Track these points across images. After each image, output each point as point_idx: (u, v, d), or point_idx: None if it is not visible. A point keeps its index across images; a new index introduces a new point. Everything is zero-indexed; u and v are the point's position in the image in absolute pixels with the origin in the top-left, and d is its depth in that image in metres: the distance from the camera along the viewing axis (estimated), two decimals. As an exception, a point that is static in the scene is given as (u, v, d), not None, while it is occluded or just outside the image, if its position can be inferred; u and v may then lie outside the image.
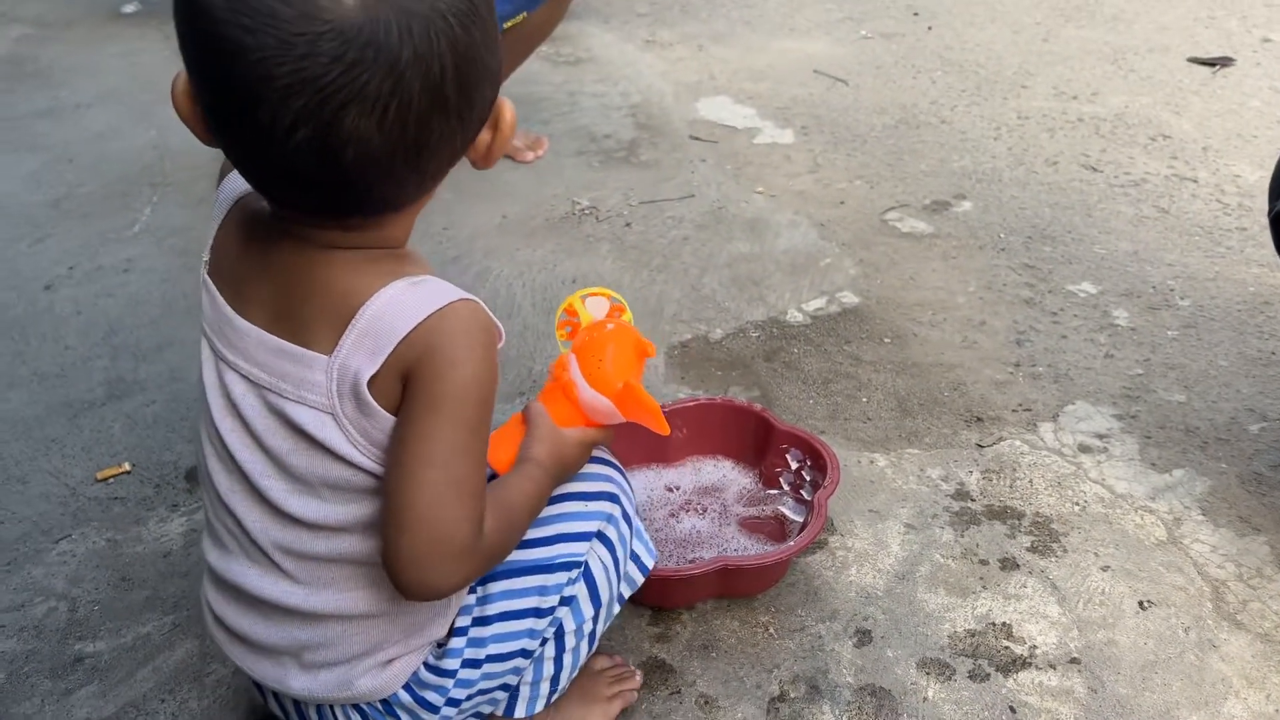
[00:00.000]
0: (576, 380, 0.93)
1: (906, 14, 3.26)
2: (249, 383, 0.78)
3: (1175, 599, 1.17)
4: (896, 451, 1.42)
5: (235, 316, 0.79)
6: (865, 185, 2.19)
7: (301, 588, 0.82)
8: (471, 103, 0.72)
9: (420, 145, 0.70)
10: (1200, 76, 2.65)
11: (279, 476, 0.80)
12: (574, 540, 0.91)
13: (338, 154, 0.67)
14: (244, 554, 0.84)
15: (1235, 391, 1.50)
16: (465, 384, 0.74)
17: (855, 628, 1.15)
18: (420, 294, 0.75)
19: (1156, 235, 1.93)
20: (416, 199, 0.77)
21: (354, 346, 0.74)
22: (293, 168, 0.68)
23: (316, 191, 0.71)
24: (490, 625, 0.88)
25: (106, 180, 2.33)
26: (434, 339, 0.73)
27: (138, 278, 1.92)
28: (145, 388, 1.61)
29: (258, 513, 0.82)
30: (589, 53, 3.03)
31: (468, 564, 0.76)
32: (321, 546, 0.80)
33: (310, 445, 0.77)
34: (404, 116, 0.67)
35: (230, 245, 0.81)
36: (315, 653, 0.84)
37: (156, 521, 1.34)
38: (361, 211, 0.74)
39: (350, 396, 0.75)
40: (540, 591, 0.89)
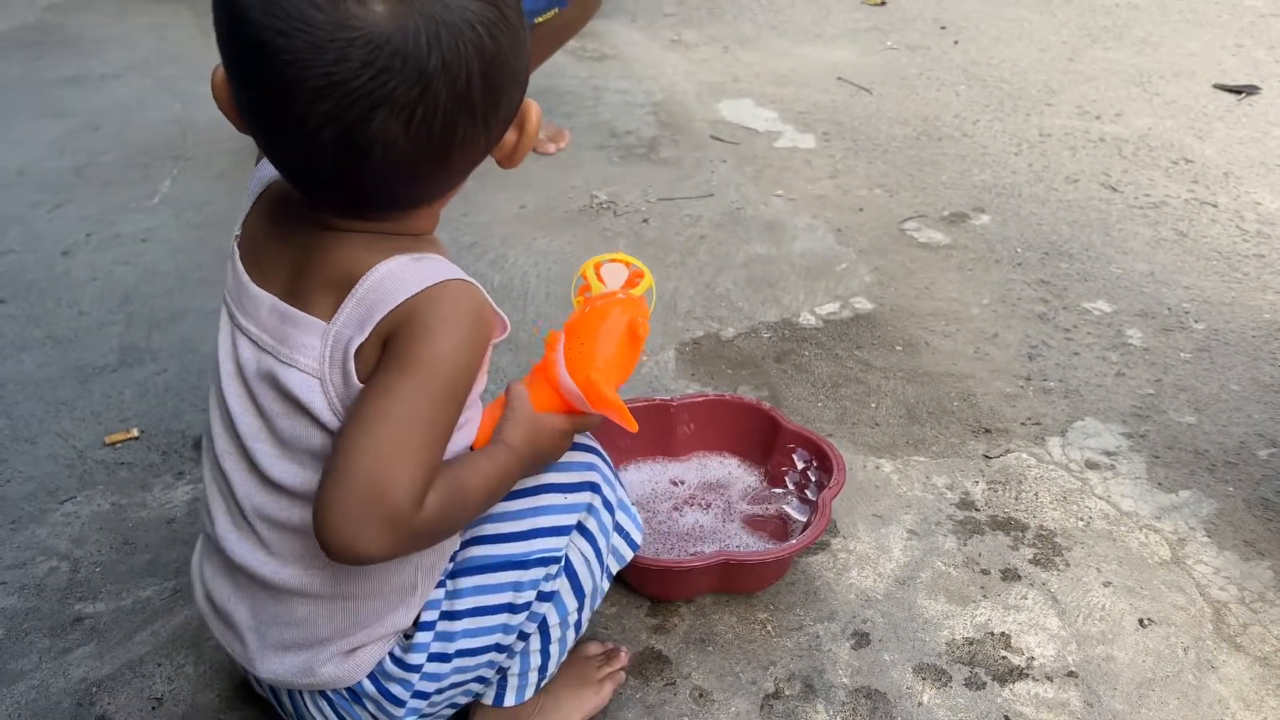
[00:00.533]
0: (557, 360, 0.89)
1: (933, 27, 3.26)
2: (255, 347, 0.80)
3: (1176, 618, 1.17)
4: (903, 458, 1.42)
5: (252, 285, 0.81)
6: (884, 194, 2.19)
7: (273, 559, 0.82)
8: (498, 107, 0.73)
9: (446, 147, 0.71)
10: (1225, 103, 2.64)
11: (268, 440, 0.80)
12: (552, 535, 0.89)
13: (364, 155, 0.69)
14: (230, 519, 0.85)
15: (1246, 416, 1.50)
16: (438, 351, 0.73)
17: (853, 629, 1.15)
18: (419, 268, 0.76)
19: (1174, 258, 1.93)
20: (440, 196, 0.79)
21: (350, 314, 0.75)
22: (319, 166, 0.71)
23: (340, 189, 0.74)
24: (460, 620, 0.87)
25: (129, 150, 2.34)
26: (418, 308, 0.74)
27: (155, 248, 1.93)
28: (157, 356, 1.61)
29: (245, 476, 0.83)
30: (615, 49, 3.03)
31: (397, 533, 0.71)
32: (297, 516, 0.80)
33: (297, 410, 0.78)
34: (430, 121, 0.68)
35: (258, 222, 0.83)
36: (281, 631, 0.84)
37: (162, 488, 1.35)
38: (384, 208, 0.77)
39: (339, 365, 0.76)
40: (515, 588, 0.88)
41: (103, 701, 1.06)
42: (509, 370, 1.50)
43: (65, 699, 1.06)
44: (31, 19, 3.25)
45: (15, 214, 2.06)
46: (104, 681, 1.08)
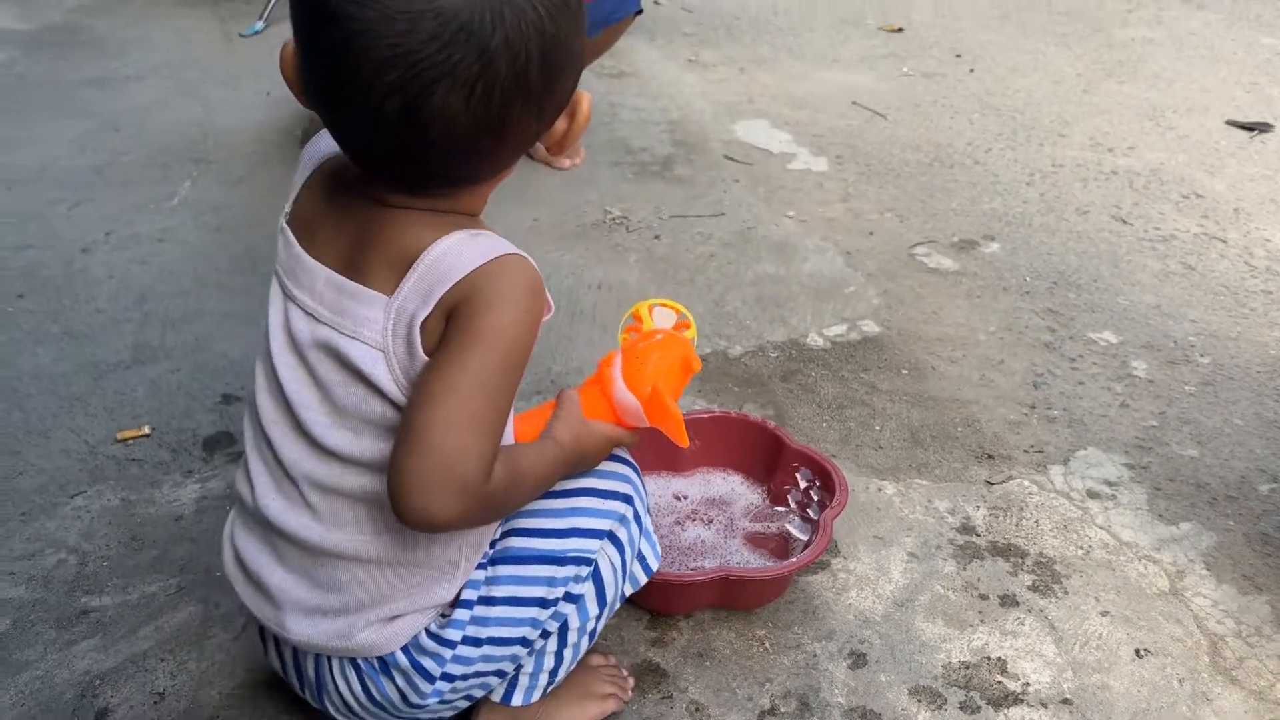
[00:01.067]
0: (614, 376, 0.94)
1: (949, 55, 3.28)
2: (311, 319, 0.82)
3: (1172, 649, 1.18)
4: (905, 481, 1.43)
5: (307, 257, 0.82)
6: (895, 218, 2.20)
7: (320, 523, 0.84)
8: (553, 90, 0.76)
9: (502, 126, 0.74)
10: (1238, 140, 2.65)
11: (322, 409, 0.82)
12: (587, 536, 0.92)
13: (425, 127, 0.71)
14: (274, 485, 0.87)
15: (1248, 451, 1.51)
16: (500, 324, 0.76)
17: (850, 649, 1.16)
18: (478, 244, 0.79)
19: (1181, 291, 1.94)
20: (491, 176, 0.82)
21: (413, 289, 0.78)
22: (380, 137, 0.73)
23: (400, 161, 0.76)
24: (496, 606, 0.89)
25: (149, 151, 2.37)
26: (479, 283, 0.76)
27: (172, 248, 1.96)
28: (171, 355, 1.63)
29: (295, 443, 0.84)
30: (632, 67, 3.06)
31: (469, 501, 0.75)
32: (350, 482, 0.83)
33: (357, 380, 0.80)
34: (489, 96, 0.71)
35: (311, 199, 0.86)
36: (322, 596, 0.86)
37: (171, 486, 1.36)
38: (439, 183, 0.79)
39: (404, 338, 0.78)
40: (549, 582, 0.90)
41: (105, 694, 1.07)
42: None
43: (68, 690, 1.08)
44: (58, 19, 3.29)
45: (35, 211, 2.08)
46: (107, 675, 1.09)
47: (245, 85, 2.79)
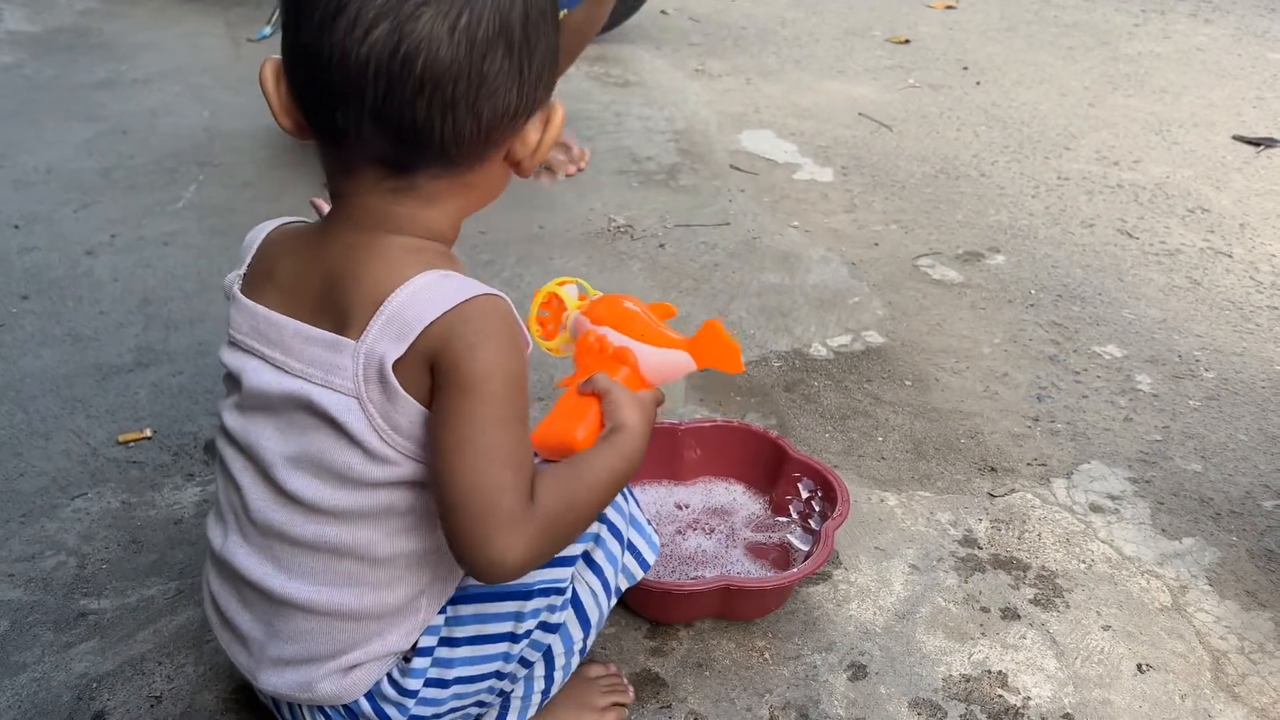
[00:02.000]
0: (630, 346, 0.92)
1: (956, 67, 3.28)
2: (281, 371, 0.80)
3: (1175, 665, 1.17)
4: (908, 493, 1.42)
5: (271, 313, 0.81)
6: (900, 230, 2.20)
7: (281, 573, 0.83)
8: (532, 59, 0.76)
9: (482, 78, 0.74)
10: (1244, 155, 2.65)
11: (288, 457, 0.81)
12: (556, 565, 0.89)
13: (410, 60, 0.71)
14: (240, 532, 0.86)
15: (1253, 466, 1.50)
16: (488, 365, 0.75)
17: (850, 661, 1.15)
18: (448, 285, 0.77)
19: (1186, 305, 1.93)
20: (466, 162, 0.78)
21: (380, 332, 0.76)
22: (365, 80, 0.72)
23: (383, 118, 0.73)
24: (459, 647, 0.87)
25: (157, 155, 2.38)
26: (455, 327, 0.75)
27: (177, 252, 1.96)
28: (174, 358, 1.63)
29: (261, 491, 0.83)
30: (638, 76, 3.06)
31: (523, 533, 0.75)
32: (310, 531, 0.81)
33: (329, 428, 0.78)
34: (473, 33, 0.72)
35: (266, 263, 0.84)
36: (283, 646, 0.85)
37: (171, 489, 1.36)
38: (418, 157, 0.76)
39: (376, 381, 0.76)
40: (516, 617, 0.88)
41: (102, 697, 1.07)
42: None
43: (66, 693, 1.07)
44: (68, 22, 3.31)
45: (42, 212, 2.09)
46: (104, 678, 1.09)
47: (253, 90, 2.79)
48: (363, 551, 0.81)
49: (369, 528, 0.81)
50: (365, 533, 0.81)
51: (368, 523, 0.80)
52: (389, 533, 0.81)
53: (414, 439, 0.78)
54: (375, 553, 0.81)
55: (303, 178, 2.31)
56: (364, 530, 0.81)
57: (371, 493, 0.80)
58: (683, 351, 0.92)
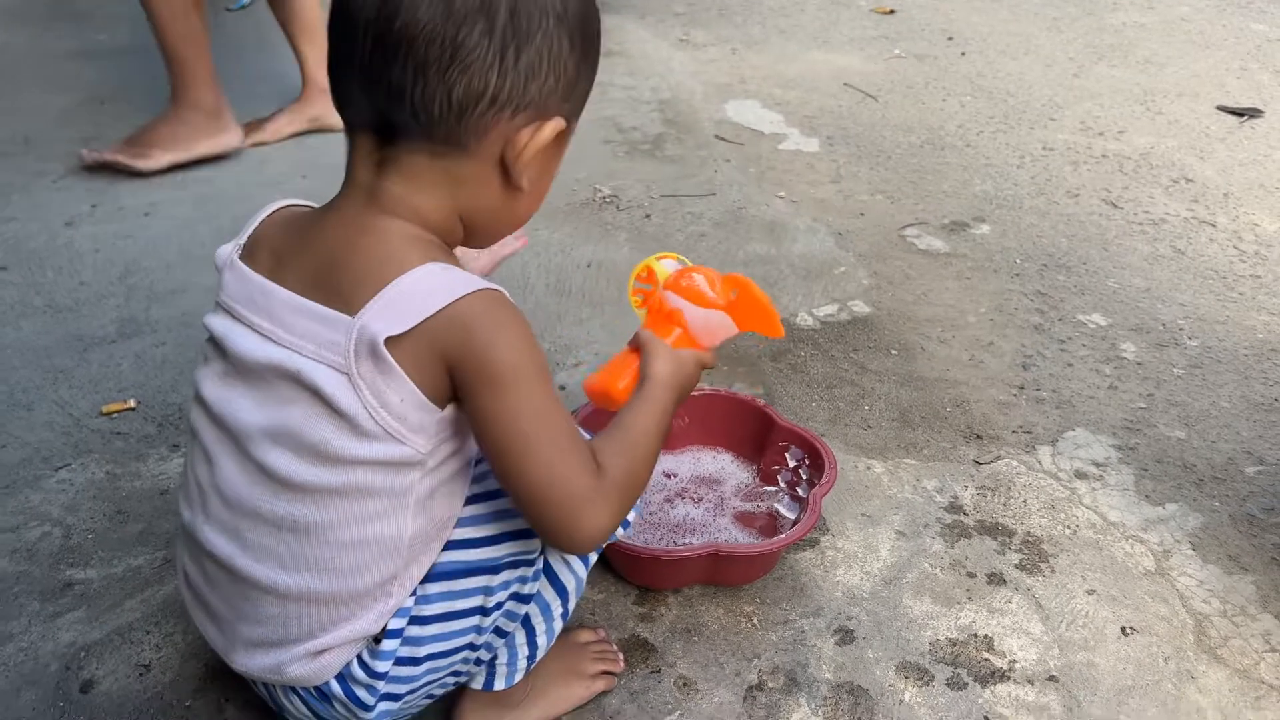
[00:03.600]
0: (683, 306, 0.95)
1: (941, 37, 3.27)
2: (268, 340, 0.79)
3: (1158, 628, 1.18)
4: (894, 460, 1.43)
5: (266, 281, 0.80)
6: (886, 200, 2.20)
7: (248, 554, 0.82)
8: (519, 48, 0.75)
9: (456, 49, 0.74)
10: (1228, 125, 2.66)
11: (268, 431, 0.80)
12: (524, 538, 0.88)
13: (392, 16, 0.73)
14: (206, 509, 0.84)
15: (1235, 433, 1.51)
16: (518, 355, 0.77)
17: (838, 626, 1.16)
18: (450, 277, 0.77)
19: (1170, 275, 1.94)
20: (444, 141, 0.78)
21: (379, 312, 0.75)
22: (356, 35, 0.75)
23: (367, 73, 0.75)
24: (429, 625, 0.86)
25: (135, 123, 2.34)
26: (469, 321, 0.76)
27: (158, 222, 1.94)
28: (156, 329, 1.62)
29: (233, 464, 0.82)
30: (622, 46, 3.04)
31: (605, 504, 0.80)
32: (280, 509, 0.80)
33: (314, 403, 0.77)
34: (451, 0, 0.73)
35: (267, 235, 0.84)
36: (251, 628, 0.84)
37: (156, 459, 1.35)
38: (395, 119, 0.77)
39: (368, 356, 0.75)
40: (485, 591, 0.87)
41: (90, 666, 1.06)
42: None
43: (53, 662, 1.07)
44: (42, -9, 3.25)
45: (20, 183, 2.06)
46: (92, 647, 1.09)
47: (232, 60, 2.76)
48: (333, 535, 0.80)
49: (341, 509, 0.79)
50: (336, 514, 0.79)
51: (340, 503, 0.79)
52: (361, 517, 0.80)
53: (402, 418, 0.77)
54: (345, 536, 0.80)
55: (286, 149, 2.28)
56: (335, 511, 0.79)
57: (347, 471, 0.78)
58: (722, 312, 0.96)
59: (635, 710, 1.05)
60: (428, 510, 0.82)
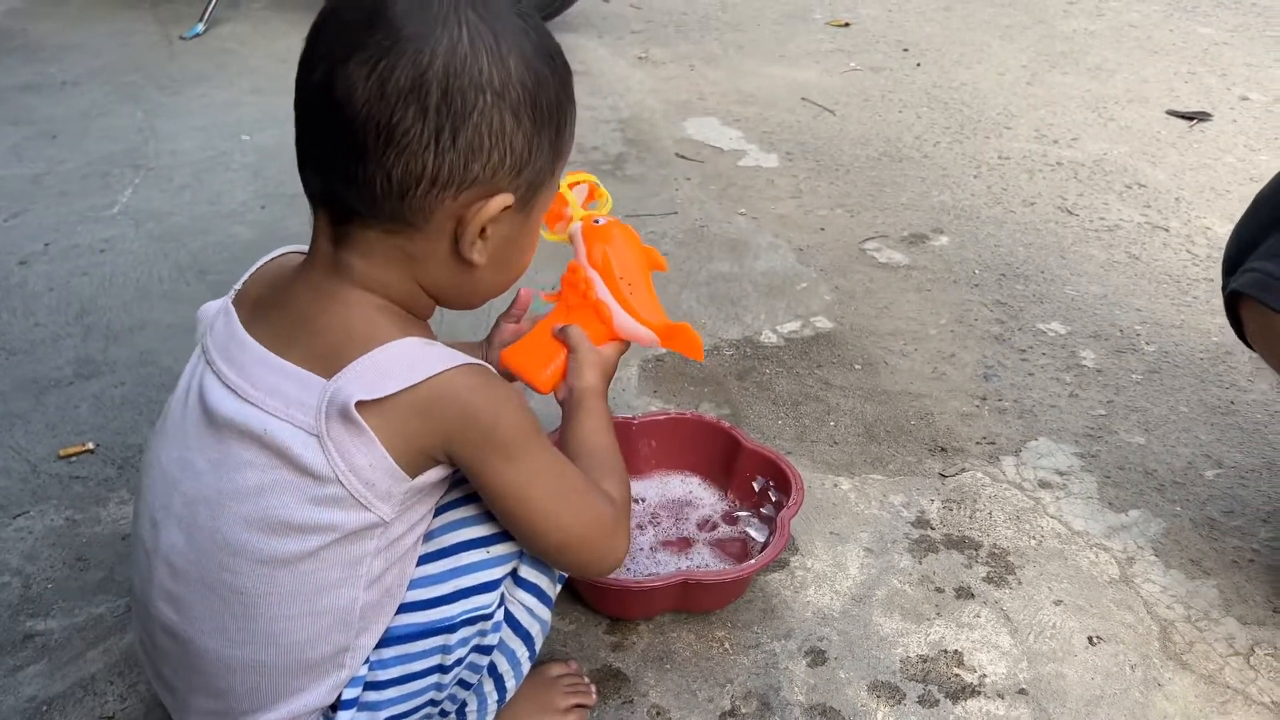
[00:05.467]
0: (610, 304, 0.98)
1: (896, 50, 3.31)
2: (236, 396, 0.78)
3: (1124, 636, 1.19)
4: (861, 476, 1.44)
5: (244, 333, 0.80)
6: (846, 214, 2.22)
7: (195, 625, 0.80)
8: (455, 130, 0.74)
9: (391, 131, 0.73)
10: (1178, 129, 2.70)
11: (219, 493, 0.78)
12: (478, 593, 0.86)
13: (333, 98, 0.74)
14: (151, 577, 0.83)
15: (1194, 437, 1.53)
16: (518, 422, 0.81)
17: (810, 647, 1.16)
18: (432, 353, 0.78)
19: (1126, 280, 1.97)
20: (390, 218, 0.77)
21: (355, 376, 0.75)
22: (307, 113, 0.76)
23: (317, 156, 0.77)
24: (386, 689, 0.85)
25: (90, 159, 2.32)
26: (468, 397, 0.77)
27: (114, 259, 1.91)
28: (114, 369, 1.60)
29: (181, 535, 0.80)
30: (582, 65, 3.05)
31: (623, 525, 0.89)
32: (229, 579, 0.78)
33: (279, 466, 0.76)
34: (384, 82, 0.73)
35: (257, 284, 0.85)
36: (204, 700, 0.83)
37: (117, 503, 1.33)
38: (344, 197, 0.77)
39: (339, 418, 0.75)
40: (443, 650, 0.85)
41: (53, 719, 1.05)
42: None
43: (15, 717, 1.05)
44: (-10, 24, 3.21)
45: (-30, 222, 2.03)
46: (55, 700, 1.07)
47: (188, 89, 2.73)
48: (282, 607, 0.78)
49: (292, 581, 0.77)
50: (287, 585, 0.78)
51: (290, 575, 0.77)
52: (313, 589, 0.78)
53: (370, 484, 0.76)
54: (295, 609, 0.78)
55: (243, 180, 2.26)
56: (286, 583, 0.77)
57: (302, 539, 0.77)
58: (652, 332, 1.00)
59: (609, 742, 1.05)
60: (380, 580, 0.81)
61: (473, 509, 0.87)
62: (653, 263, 1.03)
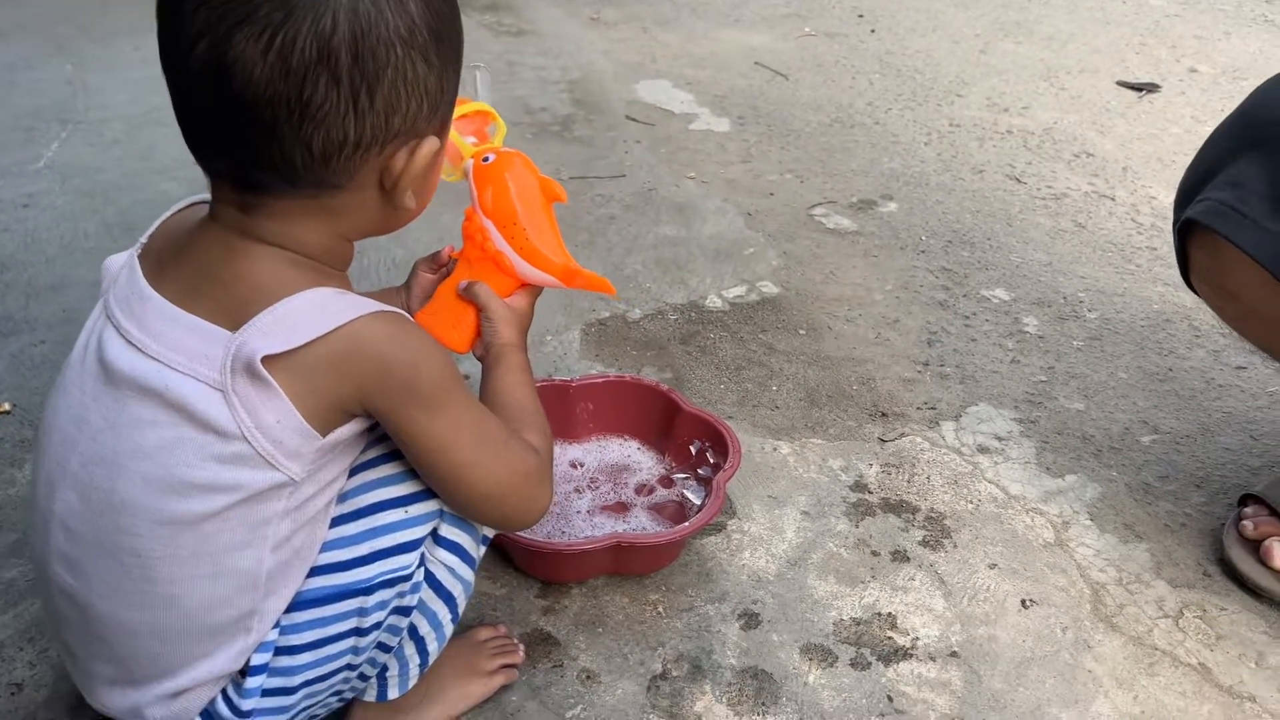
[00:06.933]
0: (508, 254, 0.94)
1: (851, 15, 3.29)
2: (136, 350, 0.75)
3: (1056, 599, 1.20)
4: (801, 440, 1.42)
5: (147, 287, 0.76)
6: (795, 179, 2.20)
7: (94, 589, 0.77)
8: (371, 89, 0.71)
9: (304, 106, 0.69)
10: (1127, 100, 2.71)
11: (117, 452, 0.75)
12: (396, 554, 0.82)
13: (227, 79, 0.68)
14: (48, 540, 0.79)
15: (1132, 404, 1.54)
16: (438, 373, 0.78)
17: (743, 610, 1.15)
18: (343, 302, 0.75)
19: (1071, 248, 1.97)
20: (313, 187, 0.75)
21: (262, 330, 0.72)
22: (196, 98, 0.70)
23: (218, 133, 0.72)
24: (300, 654, 0.82)
25: (15, 113, 2.24)
26: (383, 346, 0.75)
27: (37, 214, 1.84)
28: (35, 327, 1.54)
29: (76, 496, 0.77)
30: (532, 25, 2.99)
31: (547, 475, 0.87)
32: (127, 541, 0.75)
33: (181, 423, 0.73)
34: (286, 57, 0.68)
35: (163, 235, 0.81)
36: (105, 667, 0.80)
37: (32, 466, 1.28)
38: (258, 178, 0.73)
39: (244, 373, 0.72)
40: (359, 613, 0.82)
41: (-42, 688, 1.01)
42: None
43: (-83, 686, 1.01)
44: (-86, -30, 3.08)
45: (-114, 175, 1.95)
46: (-40, 667, 1.03)
47: (119, 41, 2.64)
48: (184, 569, 0.75)
49: (193, 542, 0.74)
50: (188, 547, 0.74)
51: (192, 536, 0.74)
52: (215, 550, 0.75)
53: (278, 442, 0.74)
54: (196, 570, 0.75)
55: (176, 135, 2.19)
56: (187, 544, 0.74)
57: (204, 499, 0.74)
58: (553, 278, 0.96)
59: (537, 706, 1.03)
60: (288, 542, 0.78)
61: (390, 468, 0.84)
62: (552, 194, 0.98)
